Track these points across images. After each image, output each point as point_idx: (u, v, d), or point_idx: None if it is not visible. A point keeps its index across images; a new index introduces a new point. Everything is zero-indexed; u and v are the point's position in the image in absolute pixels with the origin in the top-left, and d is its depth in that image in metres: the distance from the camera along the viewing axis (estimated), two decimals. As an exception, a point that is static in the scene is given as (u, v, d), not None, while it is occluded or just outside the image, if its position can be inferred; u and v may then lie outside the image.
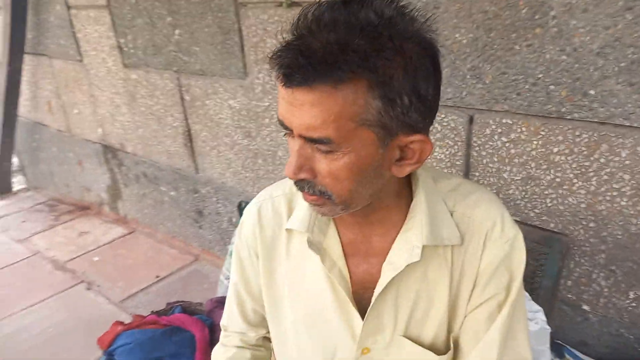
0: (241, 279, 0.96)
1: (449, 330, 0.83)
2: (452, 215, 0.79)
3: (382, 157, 0.68)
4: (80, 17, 2.82)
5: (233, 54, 2.08)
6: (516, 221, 1.42)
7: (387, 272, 0.78)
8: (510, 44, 1.35)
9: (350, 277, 0.82)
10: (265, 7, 1.88)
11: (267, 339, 1.01)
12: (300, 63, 0.60)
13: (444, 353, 0.83)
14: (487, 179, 1.54)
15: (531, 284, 1.36)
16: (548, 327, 1.19)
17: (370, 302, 0.80)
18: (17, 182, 4.31)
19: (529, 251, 1.39)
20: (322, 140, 0.64)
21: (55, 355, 2.13)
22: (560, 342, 1.46)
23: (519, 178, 1.47)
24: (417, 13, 0.65)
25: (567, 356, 1.42)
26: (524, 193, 1.48)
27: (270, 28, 1.90)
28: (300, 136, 0.66)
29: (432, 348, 0.82)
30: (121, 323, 1.78)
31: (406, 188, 0.80)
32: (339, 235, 0.83)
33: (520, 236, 0.80)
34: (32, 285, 2.69)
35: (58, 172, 3.84)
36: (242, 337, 1.00)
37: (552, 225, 1.44)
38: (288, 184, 0.90)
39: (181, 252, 2.91)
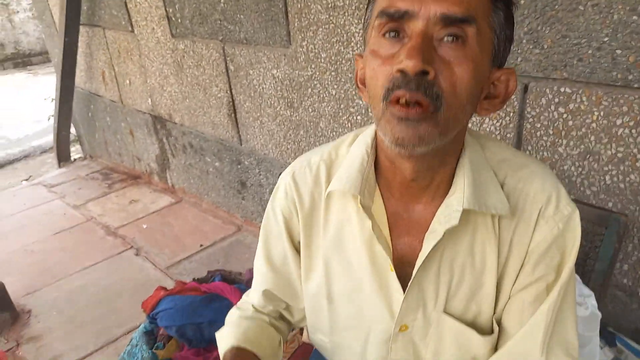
0: (265, 252, 0.91)
1: (494, 309, 0.78)
2: (502, 187, 0.73)
3: (486, 82, 0.66)
4: (130, -13, 2.86)
5: (277, 21, 2.04)
6: (573, 200, 1.33)
7: (429, 241, 0.72)
8: (573, 4, 1.23)
9: (392, 250, 0.78)
10: (310, -29, 1.82)
11: (282, 314, 0.97)
12: None
13: (488, 334, 0.77)
14: (541, 153, 1.44)
15: (583, 266, 1.26)
16: (599, 312, 1.10)
17: (410, 276, 0.75)
18: (75, 151, 4.54)
19: (583, 232, 1.29)
20: (466, 18, 0.59)
21: (107, 315, 2.24)
22: (612, 330, 1.36)
23: (576, 152, 1.36)
24: None
25: (619, 345, 1.32)
26: (580, 169, 1.37)
27: (314, -6, 1.84)
28: (430, 22, 0.59)
29: (474, 326, 0.77)
30: (164, 288, 1.83)
31: (455, 157, 0.74)
32: (384, 202, 0.78)
33: (577, 214, 0.73)
34: (86, 249, 2.84)
35: (112, 141, 3.99)
36: (259, 307, 0.95)
37: (610, 204, 1.33)
38: (327, 150, 0.85)
39: (224, 222, 2.97)
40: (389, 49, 0.62)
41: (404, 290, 0.76)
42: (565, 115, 1.35)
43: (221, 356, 0.88)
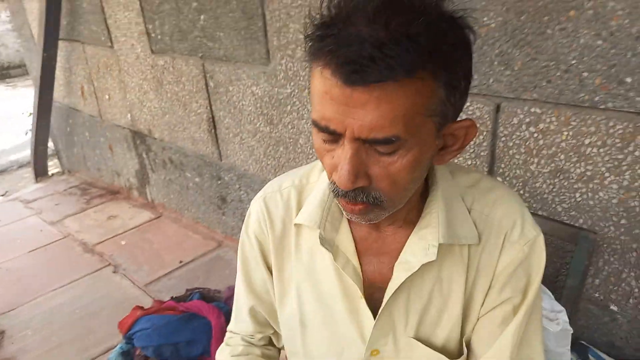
0: (244, 278, 0.92)
1: (462, 333, 0.79)
2: (469, 212, 0.75)
3: (435, 148, 0.63)
4: (111, 3, 2.85)
5: (256, 40, 2.06)
6: (542, 217, 1.36)
7: (401, 272, 0.74)
8: (542, 28, 1.27)
9: (362, 276, 0.79)
10: (289, -9, 1.85)
11: (271, 340, 0.98)
12: (372, 56, 0.51)
13: (457, 357, 0.79)
14: (514, 171, 1.47)
15: (554, 282, 1.29)
16: (570, 328, 1.13)
17: (380, 302, 0.76)
18: (53, 166, 4.47)
19: (554, 248, 1.33)
20: (390, 139, 0.57)
21: (84, 334, 2.20)
22: (585, 343, 1.39)
23: (547, 171, 1.39)
24: None
25: (591, 357, 1.35)
26: (552, 187, 1.40)
27: (293, 13, 1.87)
28: (357, 139, 0.58)
29: (444, 351, 0.78)
30: (141, 308, 1.80)
31: (423, 183, 0.75)
32: (352, 232, 0.79)
33: (541, 238, 0.75)
34: (62, 267, 2.79)
35: (90, 156, 3.95)
36: (248, 338, 0.96)
37: (580, 221, 1.37)
38: (298, 175, 0.86)
39: (205, 237, 2.95)
40: (328, 145, 0.62)
41: (374, 316, 0.77)
42: (536, 135, 1.38)
43: None
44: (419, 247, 0.73)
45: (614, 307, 1.39)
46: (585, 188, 1.34)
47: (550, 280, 1.32)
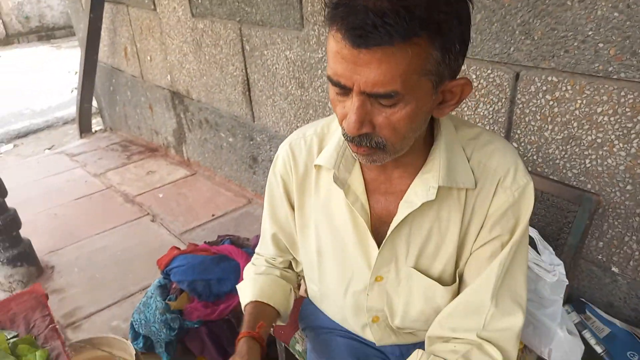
0: (270, 211, 1.06)
1: (456, 266, 0.91)
2: (469, 161, 0.85)
3: (433, 102, 0.74)
4: (154, -33, 2.98)
5: (291, 5, 2.15)
6: (553, 180, 1.45)
7: (403, 209, 0.85)
8: (562, -1, 1.33)
9: (370, 212, 0.91)
10: (324, -42, 1.92)
11: (291, 263, 1.13)
12: (375, 23, 0.61)
13: (450, 285, 0.91)
14: (529, 137, 1.55)
15: (557, 240, 1.38)
16: (566, 280, 1.22)
17: (386, 235, 0.88)
18: (96, 123, 4.72)
19: (559, 209, 1.42)
20: (389, 94, 0.67)
21: (124, 273, 2.43)
22: (584, 300, 1.49)
23: (560, 137, 1.47)
24: None
25: (588, 313, 1.44)
26: (563, 152, 1.48)
27: (327, -20, 1.95)
28: (363, 93, 0.68)
29: (439, 280, 0.91)
30: (177, 248, 1.99)
31: (428, 133, 0.86)
32: (363, 174, 0.91)
33: (531, 185, 0.85)
34: (105, 214, 3.02)
35: (131, 115, 4.16)
36: (270, 260, 1.13)
37: (589, 186, 1.44)
38: (320, 125, 0.99)
39: (236, 194, 3.13)
40: (340, 97, 0.74)
41: (379, 247, 0.90)
42: (551, 103, 1.45)
43: (242, 307, 1.07)
44: (421, 189, 0.84)
45: (615, 269, 1.47)
46: (595, 155, 1.41)
47: (553, 238, 1.41)
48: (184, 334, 1.76)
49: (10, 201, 2.29)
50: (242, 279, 1.14)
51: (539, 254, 1.29)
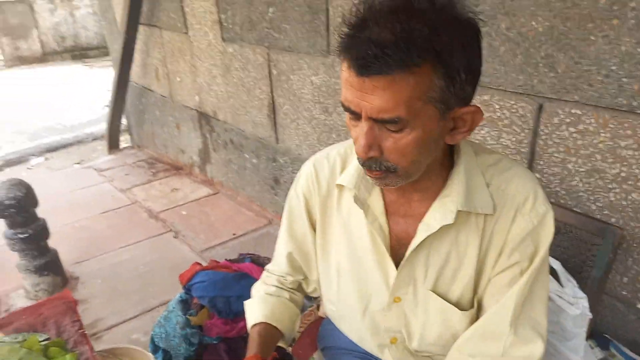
0: (288, 226, 1.08)
1: (475, 292, 0.92)
2: (488, 187, 0.87)
3: (441, 129, 0.77)
4: (189, -7, 3.12)
5: (319, 33, 2.23)
6: (577, 212, 1.45)
7: (422, 232, 0.87)
8: (586, 34, 1.36)
9: (389, 233, 0.93)
10: (353, -11, 2.00)
11: (301, 285, 1.14)
12: (375, 54, 0.66)
13: (467, 310, 0.91)
14: (551, 168, 1.56)
15: (580, 273, 1.38)
16: (589, 313, 1.22)
17: (404, 256, 0.90)
18: (124, 140, 4.86)
19: (582, 241, 1.42)
20: (394, 120, 0.71)
21: (146, 287, 2.48)
22: (608, 337, 1.46)
23: (584, 170, 1.47)
24: None
25: (612, 349, 1.42)
26: (587, 185, 1.48)
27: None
28: (370, 118, 0.73)
29: (457, 304, 0.92)
30: (199, 264, 2.03)
31: (448, 159, 0.89)
32: (383, 195, 0.93)
33: (551, 213, 0.86)
34: (130, 229, 3.10)
35: (159, 133, 4.28)
36: (281, 279, 1.13)
37: (613, 220, 1.44)
38: (344, 146, 1.02)
39: (257, 215, 3.17)
40: (353, 121, 0.79)
41: (397, 268, 0.92)
42: (575, 135, 1.47)
43: (249, 326, 1.07)
44: (440, 212, 0.86)
45: None
46: (619, 188, 1.41)
47: (576, 271, 1.40)
48: (203, 349, 1.78)
49: (39, 212, 2.38)
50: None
51: (562, 286, 1.29)
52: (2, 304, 2.42)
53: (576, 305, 1.25)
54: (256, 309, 1.08)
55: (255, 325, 1.05)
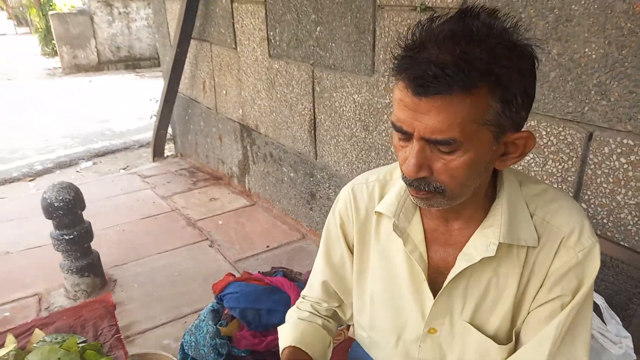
0: (325, 251, 1.07)
1: (512, 324, 0.88)
2: (532, 218, 0.84)
3: (493, 153, 0.76)
4: (240, 10, 3.21)
5: (364, 52, 2.24)
6: (624, 247, 1.38)
7: (462, 262, 0.85)
8: (642, 63, 1.31)
9: (428, 262, 0.91)
10: (401, 10, 2.01)
11: (336, 313, 1.12)
12: (435, 74, 0.66)
13: (505, 344, 0.88)
14: (599, 199, 1.49)
15: (625, 310, 1.30)
16: (634, 355, 1.15)
17: (442, 286, 0.88)
18: (168, 149, 5.02)
19: (628, 277, 1.34)
20: (448, 141, 0.70)
21: (180, 294, 2.52)
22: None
23: (634, 203, 1.41)
24: (513, 22, 0.73)
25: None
26: (637, 219, 1.41)
27: (402, 30, 2.02)
28: (423, 139, 0.72)
29: (494, 338, 0.88)
30: (233, 275, 2.05)
31: (491, 188, 0.87)
32: (423, 223, 0.92)
33: (597, 247, 0.82)
34: (168, 235, 3.17)
35: (202, 143, 4.39)
36: (316, 305, 1.12)
37: (664, 257, 1.36)
38: (383, 172, 1.01)
39: (291, 228, 3.19)
40: (402, 142, 0.78)
41: (434, 297, 0.89)
42: (626, 166, 1.41)
43: (280, 350, 1.06)
44: (481, 243, 0.84)
45: (691, 351, 1.36)
46: (672, 225, 1.34)
47: (621, 308, 1.33)
48: (231, 360, 1.79)
49: (84, 214, 2.48)
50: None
51: (605, 324, 1.22)
52: (43, 301, 2.52)
53: (619, 345, 1.18)
54: (287, 333, 1.07)
55: (285, 349, 1.04)
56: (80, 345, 1.02)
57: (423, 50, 0.69)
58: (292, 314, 1.14)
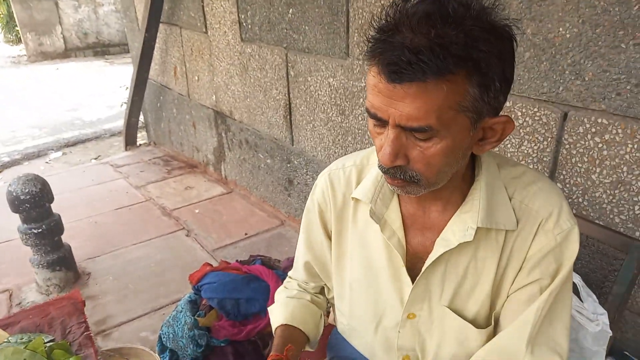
0: (306, 237, 1.06)
1: (491, 308, 0.88)
2: (510, 200, 0.83)
3: (471, 139, 0.74)
4: (209, -8, 3.12)
5: (338, 35, 2.20)
6: (599, 225, 1.39)
7: (439, 247, 0.84)
8: (616, 42, 1.30)
9: (406, 247, 0.90)
10: (374, -9, 1.97)
11: (323, 288, 1.12)
12: (409, 60, 0.63)
13: (484, 328, 0.87)
14: (574, 178, 1.50)
15: (601, 288, 1.32)
16: (609, 331, 1.16)
17: (420, 271, 0.87)
18: (141, 137, 4.89)
19: (604, 255, 1.36)
20: (424, 128, 0.68)
21: (156, 285, 2.47)
22: (628, 354, 1.40)
23: (608, 181, 1.42)
24: (492, 1, 0.69)
25: (633, 369, 1.36)
26: (611, 197, 1.43)
27: (376, 11, 1.98)
28: (398, 126, 0.69)
29: (473, 322, 0.88)
30: (210, 265, 2.01)
31: (469, 171, 0.85)
32: (401, 208, 0.90)
33: (576, 230, 0.82)
34: (143, 226, 3.10)
35: (175, 131, 4.29)
36: (303, 284, 1.12)
37: (637, 233, 1.38)
38: (360, 156, 0.99)
39: (269, 215, 3.15)
40: (377, 129, 0.75)
41: (413, 283, 0.88)
42: (600, 145, 1.41)
43: (273, 330, 1.06)
44: (459, 228, 0.82)
45: (662, 324, 1.39)
46: (645, 202, 1.36)
47: (597, 285, 1.35)
48: (210, 351, 1.76)
49: (54, 206, 2.39)
50: (273, 302, 1.14)
51: (582, 301, 1.24)
52: (14, 297, 2.43)
53: (596, 321, 1.20)
54: (277, 313, 1.07)
55: (277, 328, 1.04)
56: (48, 344, 0.98)
57: (397, 33, 0.66)
58: (280, 294, 1.13)
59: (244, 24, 2.85)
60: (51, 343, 1.00)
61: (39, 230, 2.28)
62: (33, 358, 0.89)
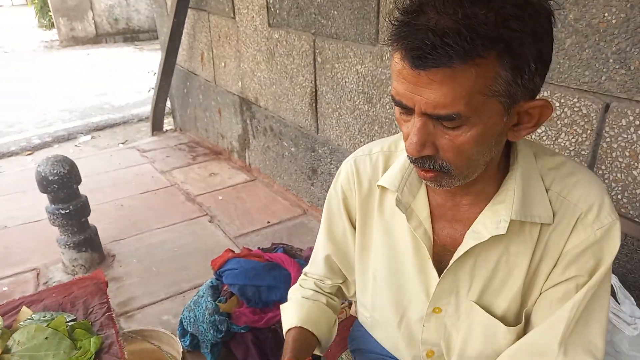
0: (327, 226, 1.02)
1: (522, 305, 0.83)
2: (547, 192, 0.78)
3: (504, 125, 0.69)
4: (238, -23, 3.09)
5: (368, 20, 2.14)
6: (639, 224, 1.32)
7: (469, 240, 0.80)
8: (667, 28, 1.22)
9: (434, 239, 0.85)
10: (406, -25, 1.90)
11: (340, 289, 1.07)
12: (434, 43, 0.59)
13: (514, 325, 0.83)
14: (614, 174, 1.43)
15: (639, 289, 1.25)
16: (649, 335, 1.10)
17: (448, 264, 0.83)
18: (167, 123, 4.93)
19: (645, 255, 1.28)
20: (452, 116, 0.64)
21: (180, 269, 2.49)
22: (666, 361, 1.33)
23: (652, 178, 1.34)
24: None
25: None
26: (654, 195, 1.35)
27: (407, -4, 1.92)
28: (424, 114, 0.66)
29: (502, 319, 0.83)
30: (232, 251, 2.00)
31: (504, 159, 0.80)
32: (429, 198, 0.86)
33: (618, 225, 0.76)
34: (167, 210, 3.13)
35: (201, 117, 4.31)
36: (319, 283, 1.07)
37: (681, 234, 1.30)
38: (387, 142, 0.94)
39: (292, 204, 3.13)
40: (404, 116, 0.72)
41: (440, 276, 0.84)
42: (644, 139, 1.33)
43: (284, 330, 1.02)
44: (491, 220, 0.78)
45: None
46: (691, 201, 1.27)
47: (635, 287, 1.28)
48: (230, 337, 1.76)
49: (82, 188, 2.42)
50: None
51: (619, 304, 1.17)
52: (41, 276, 2.49)
53: (634, 325, 1.13)
54: (292, 313, 1.02)
55: (290, 329, 1.00)
56: (70, 323, 0.98)
57: (421, 15, 0.61)
58: (295, 292, 1.09)
59: (272, 9, 2.81)
60: (73, 322, 1.00)
61: (67, 211, 2.31)
62: (55, 336, 0.89)
